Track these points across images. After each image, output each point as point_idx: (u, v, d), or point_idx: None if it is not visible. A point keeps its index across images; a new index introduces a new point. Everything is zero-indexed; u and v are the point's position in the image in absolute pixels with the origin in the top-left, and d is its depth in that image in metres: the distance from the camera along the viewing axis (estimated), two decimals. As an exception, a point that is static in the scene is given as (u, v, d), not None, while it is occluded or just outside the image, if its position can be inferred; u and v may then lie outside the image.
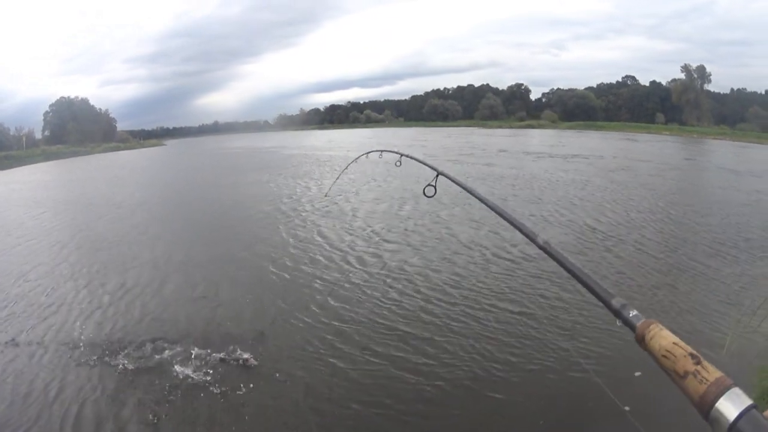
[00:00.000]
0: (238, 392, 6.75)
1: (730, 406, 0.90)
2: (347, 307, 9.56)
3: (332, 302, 9.80)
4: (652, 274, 11.33)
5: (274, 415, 6.33)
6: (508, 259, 12.07)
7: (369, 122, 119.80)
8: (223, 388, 6.83)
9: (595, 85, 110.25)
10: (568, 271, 1.63)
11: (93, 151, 75.55)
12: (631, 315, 1.27)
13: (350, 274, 11.34)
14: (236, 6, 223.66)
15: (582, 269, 1.57)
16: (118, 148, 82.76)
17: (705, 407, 0.93)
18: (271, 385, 6.93)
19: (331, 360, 7.57)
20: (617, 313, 1.32)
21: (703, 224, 16.04)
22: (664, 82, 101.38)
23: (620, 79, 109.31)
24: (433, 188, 3.51)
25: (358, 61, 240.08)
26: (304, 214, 18.33)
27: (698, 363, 1.01)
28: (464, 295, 9.99)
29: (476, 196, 2.83)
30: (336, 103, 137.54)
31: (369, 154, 7.77)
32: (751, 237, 14.25)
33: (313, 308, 9.55)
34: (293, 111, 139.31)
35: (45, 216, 20.73)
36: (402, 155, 5.46)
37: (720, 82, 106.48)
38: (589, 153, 42.04)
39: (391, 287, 10.50)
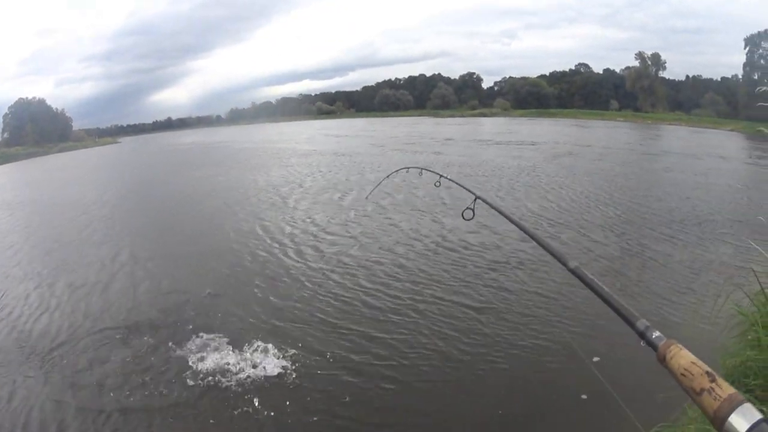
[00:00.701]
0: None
1: (742, 420, 0.98)
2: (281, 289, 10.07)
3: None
4: (599, 260, 11.50)
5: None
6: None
7: (321, 114, 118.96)
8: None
9: (548, 73, 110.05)
10: (598, 294, 1.68)
11: (50, 151, 74.38)
12: (654, 336, 1.37)
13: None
14: (187, 2, 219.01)
15: (611, 293, 1.65)
16: (74, 147, 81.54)
17: (718, 422, 1.02)
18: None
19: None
20: (642, 335, 1.41)
21: (650, 208, 16.31)
22: (618, 70, 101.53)
23: (573, 67, 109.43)
24: (471, 211, 3.57)
25: (309, 53, 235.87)
26: (247, 208, 18.60)
27: (713, 381, 1.09)
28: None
29: (511, 220, 2.86)
30: (288, 96, 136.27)
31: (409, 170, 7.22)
32: (702, 220, 14.50)
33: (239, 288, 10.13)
34: (245, 105, 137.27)
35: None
36: (441, 176, 5.33)
37: (675, 70, 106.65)
38: (538, 139, 42.51)
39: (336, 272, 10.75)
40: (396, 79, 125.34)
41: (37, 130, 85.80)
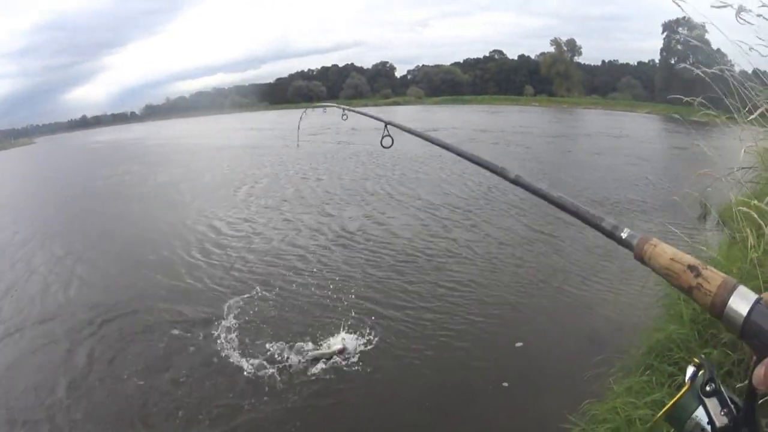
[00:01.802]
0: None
1: (739, 303, 0.90)
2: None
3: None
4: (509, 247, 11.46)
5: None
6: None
7: (234, 107, 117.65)
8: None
9: (461, 61, 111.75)
10: (549, 200, 1.58)
11: None
12: (625, 235, 1.24)
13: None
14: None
15: (563, 196, 1.54)
16: None
17: (716, 313, 0.93)
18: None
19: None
20: (611, 235, 1.29)
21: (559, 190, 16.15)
22: (533, 56, 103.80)
23: (487, 54, 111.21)
24: (390, 138, 3.39)
25: (221, 46, 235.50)
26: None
27: (698, 275, 1.00)
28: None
29: (432, 140, 2.76)
30: (202, 90, 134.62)
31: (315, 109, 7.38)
32: (615, 201, 14.78)
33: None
34: (159, 100, 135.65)
35: None
36: (346, 109, 5.30)
37: (591, 55, 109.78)
38: (444, 126, 43.10)
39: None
40: (309, 70, 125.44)
41: None
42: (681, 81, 4.70)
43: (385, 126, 3.35)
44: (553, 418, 4.79)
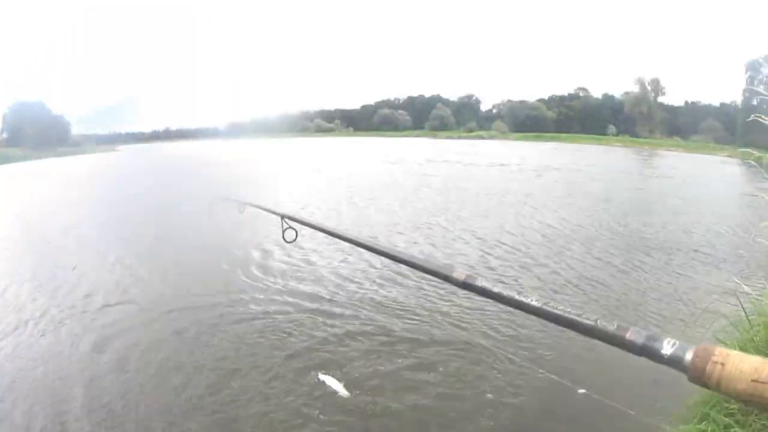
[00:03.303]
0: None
1: None
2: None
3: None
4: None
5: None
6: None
7: (319, 131, 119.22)
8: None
9: (546, 97, 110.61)
10: (531, 311, 1.27)
11: (49, 155, 73.44)
12: (669, 351, 0.97)
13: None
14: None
15: (554, 306, 1.23)
16: (72, 153, 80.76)
17: None
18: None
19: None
20: (641, 351, 1.03)
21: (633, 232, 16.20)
22: (617, 95, 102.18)
23: (572, 91, 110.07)
24: (293, 231, 3.19)
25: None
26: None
27: None
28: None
29: (331, 233, 2.57)
30: (286, 114, 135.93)
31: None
32: (675, 247, 14.25)
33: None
34: (246, 119, 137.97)
35: None
36: (243, 203, 4.99)
37: (674, 95, 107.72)
38: (528, 163, 42.17)
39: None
40: (395, 98, 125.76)
41: (37, 132, 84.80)
42: (762, 125, 4.57)
43: (282, 219, 3.25)
44: None
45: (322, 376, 7.08)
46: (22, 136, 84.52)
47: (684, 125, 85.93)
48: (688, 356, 0.92)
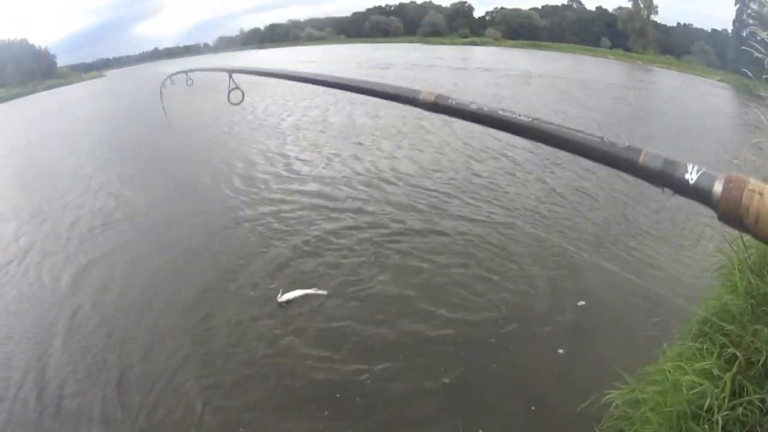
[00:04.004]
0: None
1: None
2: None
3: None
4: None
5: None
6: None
7: (310, 40, 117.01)
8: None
9: (540, 6, 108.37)
10: (517, 130, 1.06)
11: (35, 90, 72.57)
12: (694, 177, 0.82)
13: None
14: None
15: (546, 122, 1.05)
16: (59, 85, 79.18)
17: None
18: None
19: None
20: (662, 177, 0.88)
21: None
22: (610, 9, 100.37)
23: (566, 2, 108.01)
24: (239, 92, 2.95)
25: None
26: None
27: None
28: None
29: (301, 78, 2.33)
30: (276, 22, 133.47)
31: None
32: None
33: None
34: (233, 32, 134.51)
35: None
36: (188, 71, 4.88)
37: (666, 15, 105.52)
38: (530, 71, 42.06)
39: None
40: (386, 5, 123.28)
41: (20, 70, 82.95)
42: (752, 55, 4.61)
43: (230, 76, 2.94)
44: (606, 375, 4.87)
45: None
46: (5, 75, 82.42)
47: (676, 45, 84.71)
48: (718, 186, 0.78)
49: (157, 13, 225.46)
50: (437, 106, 1.29)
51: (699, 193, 0.81)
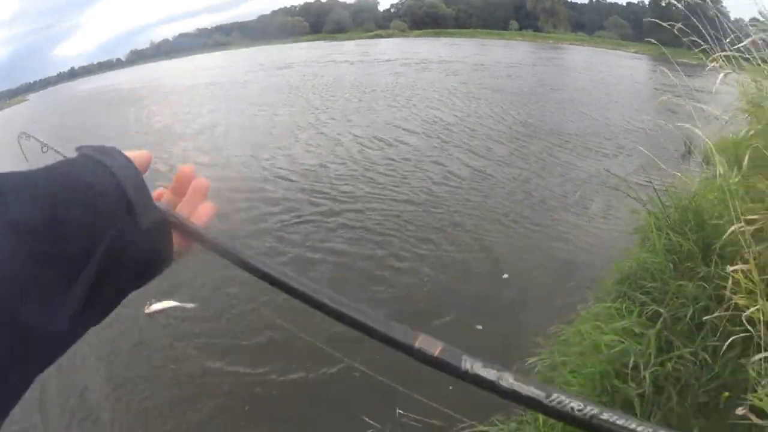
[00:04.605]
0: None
1: None
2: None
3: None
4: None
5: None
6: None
7: (217, 46, 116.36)
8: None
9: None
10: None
11: None
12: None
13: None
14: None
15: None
16: None
17: None
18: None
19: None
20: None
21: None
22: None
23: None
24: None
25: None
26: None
27: None
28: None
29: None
30: (184, 32, 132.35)
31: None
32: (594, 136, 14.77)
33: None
34: (144, 45, 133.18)
35: None
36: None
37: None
38: (429, 58, 42.17)
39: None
40: (292, 6, 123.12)
41: None
42: (670, 22, 4.66)
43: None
44: (524, 341, 4.89)
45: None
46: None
47: (590, 21, 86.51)
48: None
49: (73, 33, 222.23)
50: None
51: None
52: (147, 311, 7.28)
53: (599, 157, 12.77)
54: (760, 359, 2.83)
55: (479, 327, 6.39)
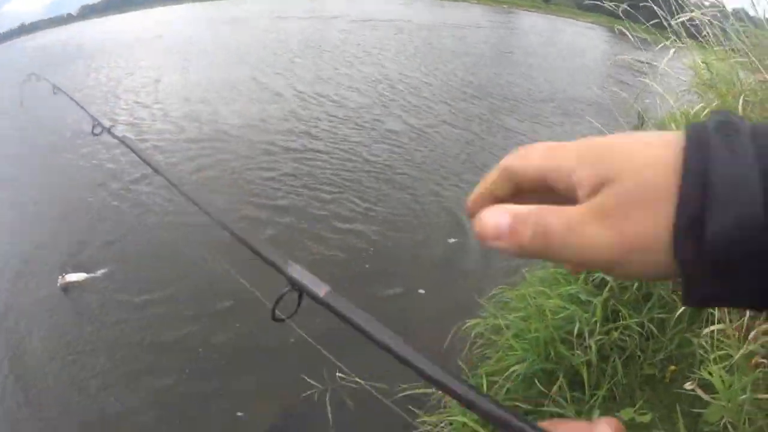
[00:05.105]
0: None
1: None
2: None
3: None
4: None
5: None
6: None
7: (171, 1, 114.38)
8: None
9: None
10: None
11: None
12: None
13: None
14: None
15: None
16: None
17: None
18: None
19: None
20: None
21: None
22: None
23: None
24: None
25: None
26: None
27: None
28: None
29: None
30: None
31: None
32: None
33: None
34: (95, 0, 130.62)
35: None
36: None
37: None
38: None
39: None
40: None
41: None
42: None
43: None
44: (468, 305, 4.79)
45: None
46: None
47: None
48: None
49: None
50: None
51: None
52: (60, 284, 7.04)
53: (547, 124, 12.76)
54: (710, 332, 2.78)
55: (422, 291, 6.31)
